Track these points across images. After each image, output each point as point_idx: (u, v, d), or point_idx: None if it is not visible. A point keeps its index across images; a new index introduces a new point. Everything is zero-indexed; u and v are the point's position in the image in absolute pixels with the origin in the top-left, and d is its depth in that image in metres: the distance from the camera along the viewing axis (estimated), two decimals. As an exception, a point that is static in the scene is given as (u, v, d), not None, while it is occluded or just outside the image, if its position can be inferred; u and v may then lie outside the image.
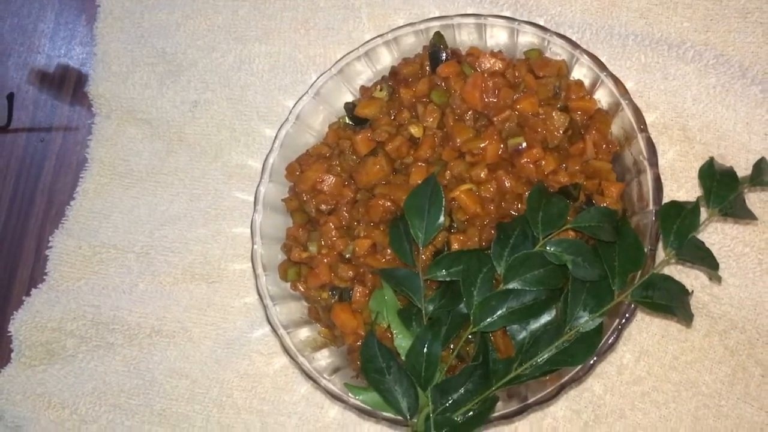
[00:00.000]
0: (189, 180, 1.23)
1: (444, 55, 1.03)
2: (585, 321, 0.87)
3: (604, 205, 0.93)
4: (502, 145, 0.96)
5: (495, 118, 0.97)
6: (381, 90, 1.05)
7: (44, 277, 1.23)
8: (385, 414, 0.92)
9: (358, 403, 0.94)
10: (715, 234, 1.02)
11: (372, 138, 1.01)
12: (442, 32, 1.05)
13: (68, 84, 1.36)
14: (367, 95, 1.06)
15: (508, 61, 1.02)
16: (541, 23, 1.11)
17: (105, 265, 1.21)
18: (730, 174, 0.92)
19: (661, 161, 0.98)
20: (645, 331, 1.01)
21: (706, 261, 0.90)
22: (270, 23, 1.26)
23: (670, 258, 0.90)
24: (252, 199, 1.06)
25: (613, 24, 1.13)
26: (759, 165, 0.93)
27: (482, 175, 0.95)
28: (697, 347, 1.00)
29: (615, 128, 0.99)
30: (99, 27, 1.33)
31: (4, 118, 1.32)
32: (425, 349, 0.88)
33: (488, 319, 0.88)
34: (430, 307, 0.91)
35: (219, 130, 1.24)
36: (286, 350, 0.98)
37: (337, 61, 1.08)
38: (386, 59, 1.09)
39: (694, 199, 0.92)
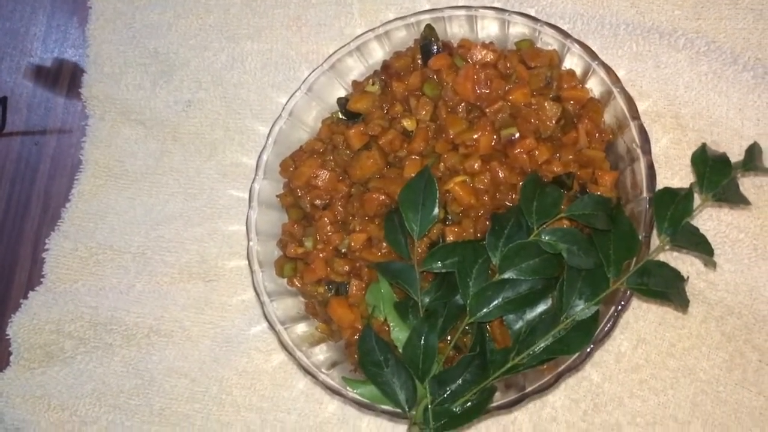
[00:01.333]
0: (184, 179, 1.23)
1: (435, 47, 1.03)
2: (581, 309, 0.87)
3: (598, 193, 0.93)
4: (495, 136, 0.96)
5: (487, 110, 0.97)
6: (373, 84, 1.05)
7: (41, 279, 1.22)
8: (383, 407, 0.92)
9: (357, 396, 0.94)
10: (710, 221, 1.02)
11: (365, 132, 1.01)
12: (433, 25, 1.05)
13: (61, 86, 1.35)
14: (360, 90, 1.06)
15: (499, 53, 1.02)
16: (532, 14, 1.11)
17: (102, 267, 1.21)
18: (723, 159, 0.92)
19: (654, 149, 0.98)
20: (642, 318, 1.02)
21: (701, 247, 0.90)
22: (262, 21, 1.26)
23: (665, 244, 0.90)
24: (247, 196, 1.06)
25: (605, 13, 1.13)
26: (751, 150, 0.93)
27: (476, 167, 0.95)
28: (694, 334, 1.00)
29: (608, 117, 0.99)
30: (91, 29, 1.33)
31: (-3, 122, 1.32)
32: (422, 341, 0.88)
33: (484, 310, 0.88)
34: (427, 299, 0.91)
35: (213, 129, 1.24)
36: (284, 346, 0.98)
37: (328, 57, 1.08)
38: (378, 54, 1.09)
39: (688, 186, 0.92)
